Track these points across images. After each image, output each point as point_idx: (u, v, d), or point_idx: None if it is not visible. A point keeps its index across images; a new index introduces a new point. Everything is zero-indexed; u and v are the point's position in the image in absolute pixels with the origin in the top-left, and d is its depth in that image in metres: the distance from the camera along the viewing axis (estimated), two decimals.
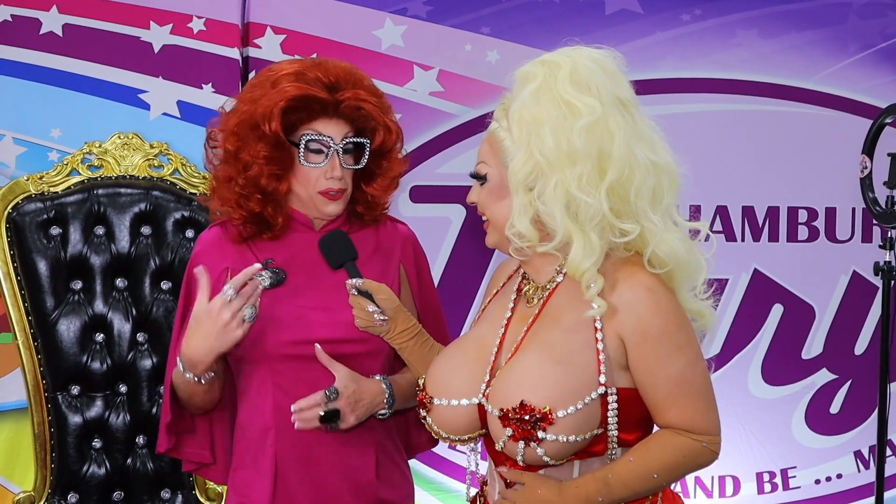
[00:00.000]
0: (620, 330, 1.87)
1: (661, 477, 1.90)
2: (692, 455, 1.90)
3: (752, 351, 3.42)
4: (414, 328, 2.13)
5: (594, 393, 1.86)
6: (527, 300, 1.98)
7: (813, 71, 3.37)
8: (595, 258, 1.86)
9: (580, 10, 3.27)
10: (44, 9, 3.05)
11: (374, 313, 2.09)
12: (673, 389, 1.87)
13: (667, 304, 1.88)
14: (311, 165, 2.13)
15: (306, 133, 2.12)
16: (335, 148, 2.13)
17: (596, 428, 1.88)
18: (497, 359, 1.96)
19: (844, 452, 3.45)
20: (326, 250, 2.14)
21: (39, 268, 2.84)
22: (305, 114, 2.11)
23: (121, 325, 2.86)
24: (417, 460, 3.16)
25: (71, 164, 2.95)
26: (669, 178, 1.90)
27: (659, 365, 1.87)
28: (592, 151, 1.84)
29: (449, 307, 3.06)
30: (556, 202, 1.84)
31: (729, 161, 3.35)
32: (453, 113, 3.26)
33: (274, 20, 3.17)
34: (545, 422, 1.84)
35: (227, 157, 2.15)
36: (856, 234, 3.43)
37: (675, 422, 1.89)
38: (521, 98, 1.87)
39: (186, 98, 3.11)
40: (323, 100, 2.10)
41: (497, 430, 1.90)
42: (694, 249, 1.92)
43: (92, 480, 2.85)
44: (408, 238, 2.29)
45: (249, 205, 2.14)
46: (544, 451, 1.86)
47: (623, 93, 1.89)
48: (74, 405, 2.85)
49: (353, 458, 2.18)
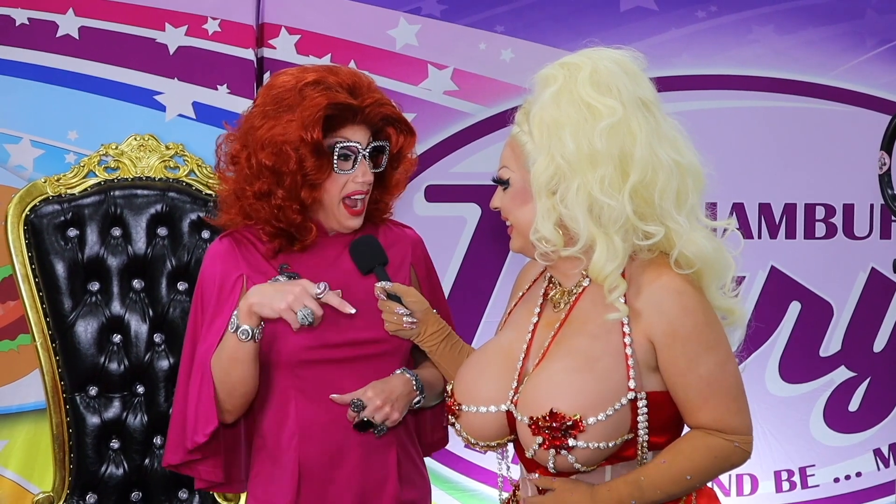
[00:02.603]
0: (649, 332, 1.86)
1: (693, 478, 1.89)
2: (724, 455, 1.89)
3: (769, 349, 3.40)
4: (444, 330, 2.13)
5: (623, 399, 1.86)
6: (553, 305, 1.97)
7: (830, 66, 3.35)
8: (618, 262, 1.85)
9: (595, 7, 3.26)
10: (60, 11, 3.06)
11: (404, 316, 2.08)
12: (704, 389, 1.86)
13: (695, 304, 1.86)
14: (343, 173, 2.13)
15: (338, 140, 2.12)
16: (363, 153, 2.14)
17: (626, 433, 1.87)
18: (524, 365, 1.95)
19: (863, 451, 3.43)
20: (356, 255, 2.14)
21: (57, 269, 2.85)
22: (336, 121, 2.12)
23: (138, 326, 2.87)
24: (434, 459, 3.16)
25: (88, 166, 2.96)
26: (694, 177, 1.88)
27: (689, 365, 1.86)
28: (614, 153, 1.83)
29: (465, 306, 3.07)
30: (579, 206, 1.83)
31: (746, 158, 3.34)
32: (468, 112, 3.26)
33: (288, 21, 3.17)
34: (575, 429, 1.83)
35: (261, 172, 2.11)
36: (874, 230, 3.41)
37: (706, 422, 1.88)
38: (542, 101, 1.86)
39: (202, 99, 3.11)
40: (353, 106, 2.12)
41: (527, 437, 1.89)
42: (721, 247, 1.91)
43: (110, 481, 2.86)
44: (417, 242, 2.30)
45: (290, 216, 2.12)
46: (575, 459, 1.86)
47: (645, 93, 1.88)
48: (92, 406, 2.87)
49: (375, 460, 2.19)
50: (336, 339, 2.14)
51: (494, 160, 1.97)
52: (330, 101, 2.09)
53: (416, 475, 2.26)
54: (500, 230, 2.04)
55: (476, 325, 3.25)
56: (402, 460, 2.22)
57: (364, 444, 2.17)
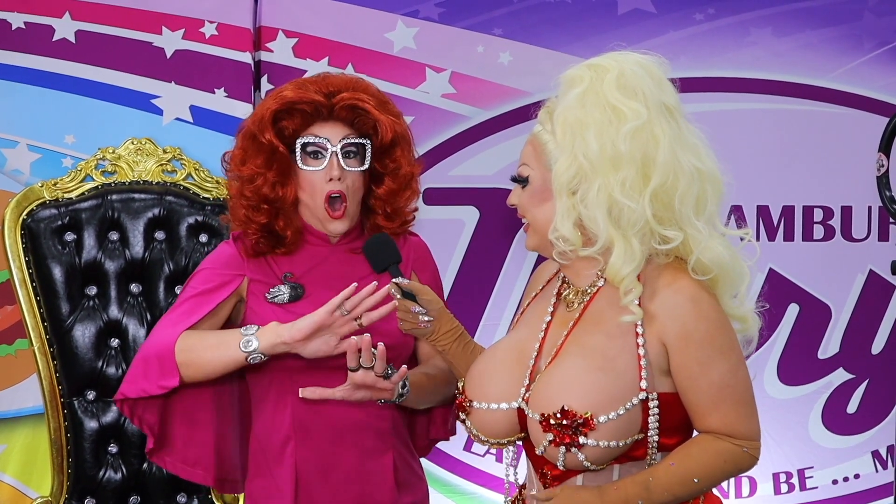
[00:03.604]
0: (663, 335, 1.88)
1: (701, 482, 1.90)
2: (733, 460, 1.90)
3: (767, 351, 3.40)
4: (457, 329, 2.12)
5: (635, 399, 1.87)
6: (567, 304, 1.97)
7: (828, 69, 3.35)
8: (635, 264, 1.86)
9: (593, 10, 3.26)
10: (56, 15, 3.06)
11: (420, 314, 2.07)
12: (715, 394, 1.87)
13: (709, 310, 1.88)
14: (310, 169, 2.14)
15: (303, 137, 2.13)
16: (333, 149, 2.13)
17: (637, 433, 1.88)
18: (536, 363, 1.96)
19: (862, 452, 3.43)
20: (370, 254, 2.12)
21: (54, 274, 2.85)
22: (300, 119, 2.12)
23: (136, 331, 2.87)
24: (432, 462, 3.16)
25: (85, 170, 2.95)
26: (713, 185, 1.90)
27: (701, 370, 1.87)
28: (637, 156, 1.84)
29: (463, 309, 3.06)
30: (599, 206, 1.84)
31: (743, 160, 3.33)
32: (466, 115, 3.26)
33: (286, 24, 3.16)
34: (586, 427, 1.84)
35: (233, 173, 2.18)
36: (872, 232, 3.41)
37: (716, 427, 1.89)
38: (567, 101, 1.87)
39: (199, 103, 3.11)
40: (315, 102, 2.11)
41: (537, 435, 1.90)
42: (738, 256, 1.92)
43: (108, 485, 2.86)
44: (420, 247, 2.30)
45: (258, 217, 2.15)
46: (585, 457, 1.87)
47: (669, 99, 1.89)
48: (90, 410, 2.86)
49: (372, 465, 2.19)
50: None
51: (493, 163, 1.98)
52: (288, 98, 2.12)
53: (414, 478, 2.27)
54: (499, 233, 2.04)
55: (475, 328, 3.25)
56: (399, 464, 2.22)
57: (360, 448, 2.17)
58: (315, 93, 2.12)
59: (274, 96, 2.17)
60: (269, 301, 2.15)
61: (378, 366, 2.03)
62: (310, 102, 2.11)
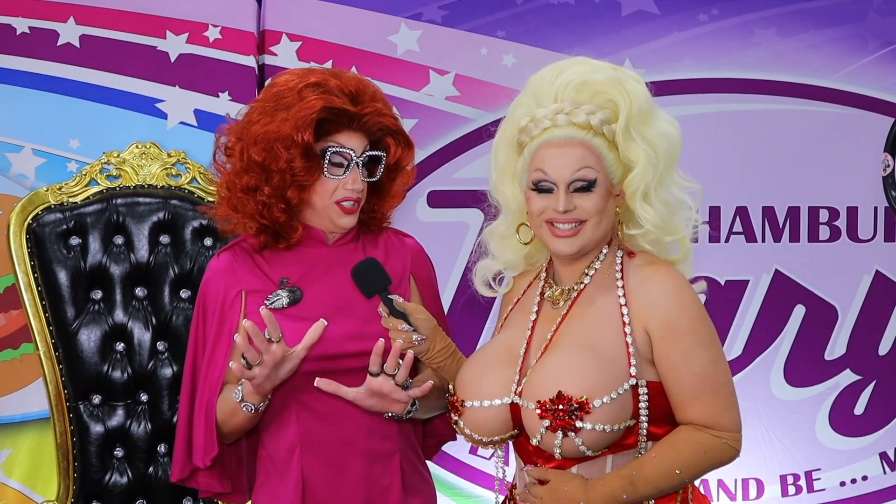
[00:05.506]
0: (647, 324, 1.95)
1: (682, 473, 1.94)
2: (713, 451, 1.94)
3: (774, 352, 3.39)
4: (450, 346, 2.15)
5: (626, 384, 1.93)
6: (552, 303, 2.04)
7: (833, 69, 3.35)
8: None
9: (596, 11, 3.26)
10: (61, 20, 3.07)
11: (412, 334, 2.08)
12: (696, 385, 1.93)
13: (691, 301, 1.96)
14: (333, 178, 2.14)
15: (331, 145, 2.13)
16: (356, 161, 2.14)
17: (629, 419, 1.94)
18: (526, 359, 2.01)
19: (869, 454, 3.42)
20: (359, 280, 2.13)
21: (60, 278, 2.85)
22: (332, 126, 2.12)
23: (141, 334, 2.87)
24: (438, 465, 3.16)
25: (89, 175, 2.96)
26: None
27: (683, 360, 1.93)
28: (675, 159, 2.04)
29: (467, 312, 3.06)
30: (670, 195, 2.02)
31: (748, 161, 3.33)
32: (470, 117, 3.26)
33: (289, 27, 3.17)
34: (582, 411, 1.89)
35: (251, 167, 2.14)
36: (878, 233, 3.40)
37: (696, 418, 1.94)
38: (630, 108, 1.99)
39: (203, 107, 3.12)
40: (350, 113, 2.12)
41: (533, 423, 1.94)
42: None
43: (114, 489, 2.86)
44: (417, 251, 2.30)
45: (273, 214, 2.14)
46: (582, 441, 1.91)
47: None
48: (96, 414, 2.86)
49: (379, 470, 2.18)
50: (337, 350, 2.14)
51: None
52: (325, 105, 2.10)
53: (421, 482, 2.26)
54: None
55: (479, 330, 3.25)
56: (406, 468, 2.21)
57: (367, 454, 2.17)
58: (345, 100, 2.11)
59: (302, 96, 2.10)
60: (268, 308, 2.14)
61: (400, 374, 2.04)
62: (345, 113, 2.12)
